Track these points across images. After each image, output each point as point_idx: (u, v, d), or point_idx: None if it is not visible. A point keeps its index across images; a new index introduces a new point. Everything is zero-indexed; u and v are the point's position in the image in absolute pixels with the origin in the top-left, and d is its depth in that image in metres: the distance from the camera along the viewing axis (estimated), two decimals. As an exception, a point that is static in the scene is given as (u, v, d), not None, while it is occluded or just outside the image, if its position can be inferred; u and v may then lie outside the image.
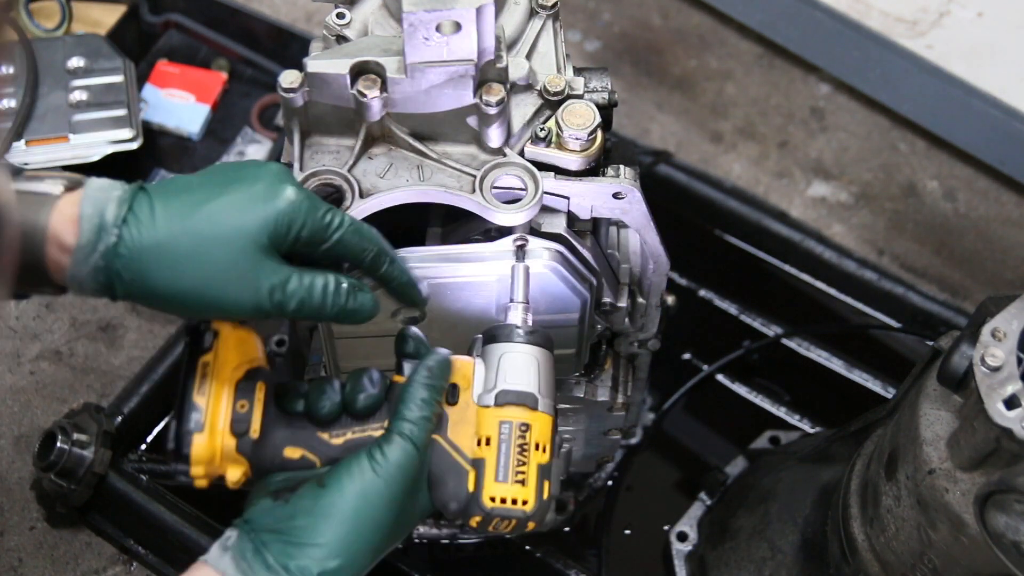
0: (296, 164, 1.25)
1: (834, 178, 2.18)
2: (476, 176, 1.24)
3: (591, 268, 1.33)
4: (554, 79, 1.28)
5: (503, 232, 1.26)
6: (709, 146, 2.22)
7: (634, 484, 1.85)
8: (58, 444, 1.72)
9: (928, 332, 1.95)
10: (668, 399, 1.91)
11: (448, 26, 1.15)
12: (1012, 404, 1.15)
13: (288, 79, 1.21)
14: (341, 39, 1.30)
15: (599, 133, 1.26)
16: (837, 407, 1.89)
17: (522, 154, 1.26)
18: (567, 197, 1.29)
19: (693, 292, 2.02)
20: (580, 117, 1.25)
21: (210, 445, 1.08)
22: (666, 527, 1.77)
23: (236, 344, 1.11)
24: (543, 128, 1.26)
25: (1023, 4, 2.17)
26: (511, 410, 1.12)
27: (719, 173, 2.16)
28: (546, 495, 1.13)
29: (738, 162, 2.20)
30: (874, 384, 1.93)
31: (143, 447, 1.84)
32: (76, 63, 2.01)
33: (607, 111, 1.31)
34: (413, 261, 1.25)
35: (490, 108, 1.20)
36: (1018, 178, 2.11)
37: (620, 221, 1.38)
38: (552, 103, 1.28)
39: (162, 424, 1.86)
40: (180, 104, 2.11)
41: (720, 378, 1.94)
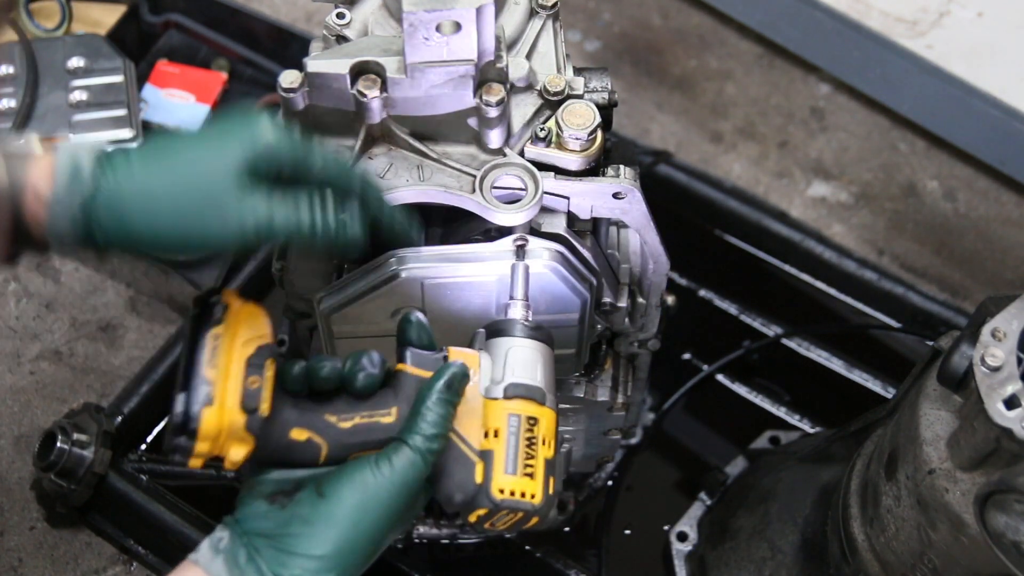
0: (296, 164, 1.25)
1: (834, 178, 2.18)
2: (476, 176, 1.24)
3: (591, 268, 1.33)
4: (554, 79, 1.28)
5: (503, 232, 1.26)
6: (709, 146, 2.22)
7: (634, 484, 1.84)
8: (58, 444, 1.72)
9: (928, 332, 1.95)
10: (668, 399, 1.91)
11: (448, 26, 1.15)
12: (1012, 404, 1.15)
13: (288, 79, 1.21)
14: (341, 39, 1.30)
15: (599, 133, 1.26)
16: (837, 407, 1.89)
17: (522, 154, 1.26)
18: (567, 197, 1.29)
19: (693, 292, 2.02)
20: (580, 117, 1.25)
21: (219, 420, 1.02)
22: (666, 527, 1.77)
23: (247, 318, 1.07)
24: (543, 128, 1.26)
25: (1023, 4, 2.17)
26: (520, 403, 1.12)
27: (719, 173, 2.16)
28: (551, 490, 1.12)
29: (738, 162, 2.20)
30: (874, 384, 1.93)
31: (143, 447, 1.84)
32: (76, 63, 2.02)
33: (607, 111, 1.31)
34: (413, 261, 1.26)
35: (490, 108, 1.20)
36: (1018, 178, 2.11)
37: (620, 221, 1.38)
38: (552, 103, 1.28)
39: (162, 424, 1.87)
40: (180, 104, 2.11)
41: (720, 378, 1.94)
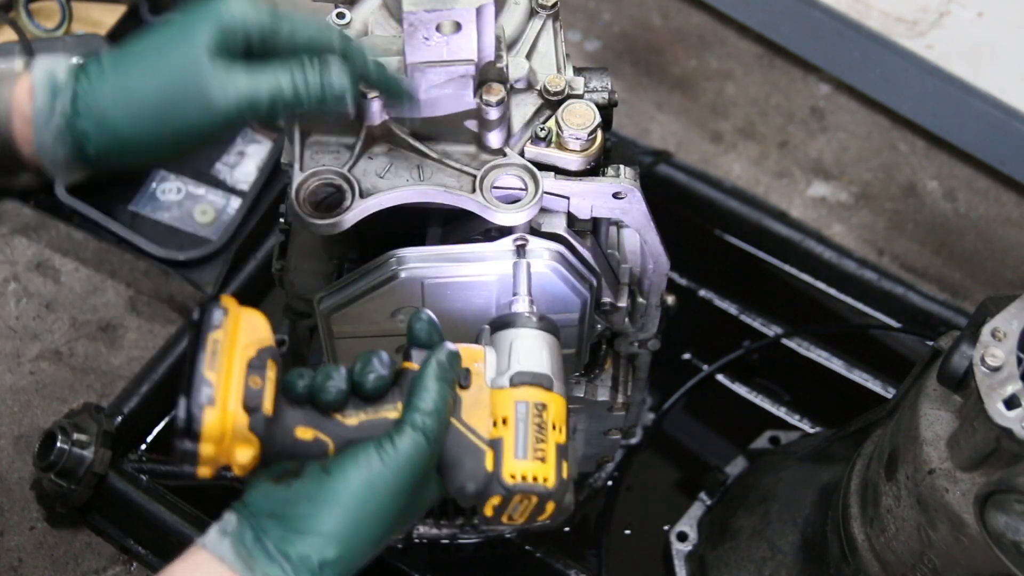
0: (296, 164, 1.25)
1: (834, 178, 2.18)
2: (476, 176, 1.23)
3: (591, 268, 1.33)
4: (554, 79, 1.28)
5: (503, 232, 1.26)
6: (709, 146, 2.22)
7: (634, 484, 1.84)
8: (58, 444, 1.72)
9: (928, 332, 1.95)
10: (668, 399, 1.91)
11: (448, 26, 1.15)
12: (1012, 404, 1.15)
13: (288, 79, 1.21)
14: (341, 39, 1.30)
15: (599, 133, 1.26)
16: (837, 407, 1.89)
17: (522, 154, 1.26)
18: (567, 197, 1.29)
19: (693, 292, 2.02)
20: (580, 117, 1.25)
21: (222, 421, 1.02)
22: (666, 527, 1.77)
23: (246, 322, 1.07)
24: (543, 128, 1.26)
25: (1023, 4, 2.17)
26: (526, 390, 1.11)
27: (719, 173, 2.16)
28: (565, 475, 1.11)
29: (738, 162, 2.19)
30: (874, 384, 1.93)
31: (143, 447, 1.84)
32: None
33: (607, 111, 1.31)
34: (413, 261, 1.26)
35: (490, 108, 1.20)
36: (1018, 178, 2.11)
37: (620, 221, 1.38)
38: (552, 103, 1.28)
39: (162, 424, 1.87)
40: (180, 104, 2.10)
41: (720, 378, 1.94)
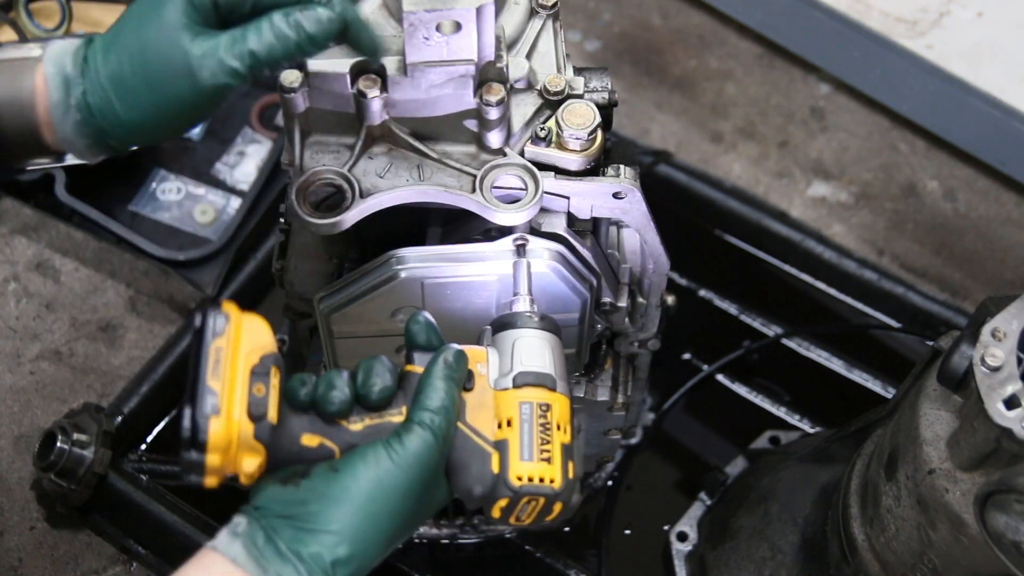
0: (296, 163, 1.25)
1: (834, 178, 2.18)
2: (476, 176, 1.23)
3: (591, 268, 1.33)
4: (554, 79, 1.28)
5: (503, 232, 1.26)
6: (709, 146, 2.22)
7: (634, 484, 1.84)
8: (58, 444, 1.72)
9: (928, 332, 1.95)
10: (668, 399, 1.91)
11: (448, 26, 1.15)
12: (1012, 404, 1.15)
13: (289, 79, 1.21)
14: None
15: (599, 133, 1.26)
16: (837, 407, 1.89)
17: (522, 154, 1.26)
18: (567, 197, 1.29)
19: (693, 292, 2.02)
20: (580, 117, 1.25)
21: (227, 430, 1.02)
22: (666, 527, 1.77)
23: (248, 328, 1.07)
24: (543, 128, 1.26)
25: (1023, 4, 2.17)
26: (530, 391, 1.11)
27: (719, 173, 2.16)
28: (571, 474, 1.12)
29: (738, 162, 2.19)
30: (874, 384, 1.93)
31: (143, 447, 1.84)
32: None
33: (607, 111, 1.31)
34: (413, 261, 1.26)
35: (490, 108, 1.20)
36: (1018, 178, 2.11)
37: (620, 221, 1.38)
38: (552, 103, 1.27)
39: (162, 424, 1.87)
40: (180, 104, 2.11)
41: (720, 378, 1.94)
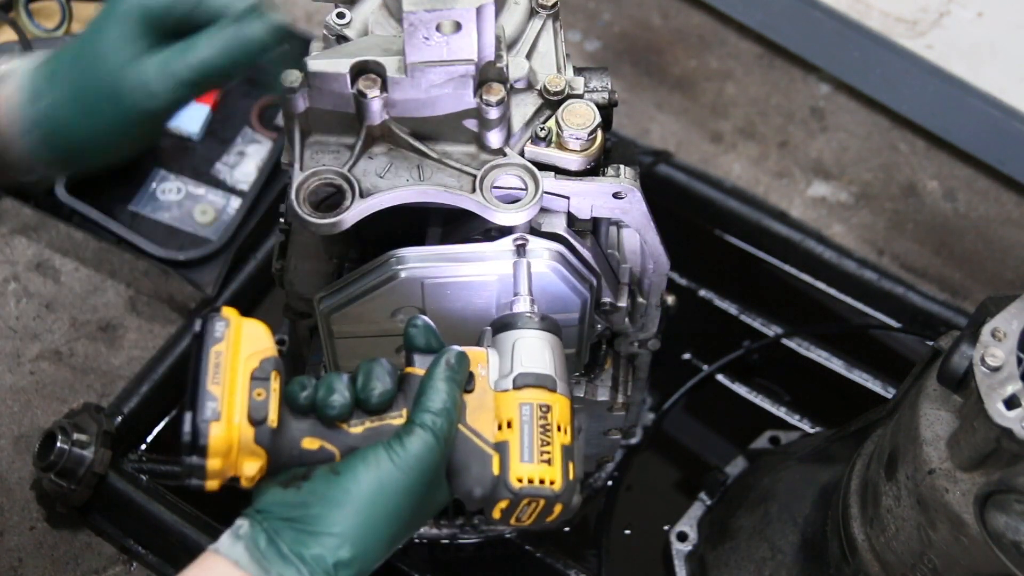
0: (296, 164, 1.25)
1: (834, 178, 2.18)
2: (476, 176, 1.23)
3: (591, 268, 1.33)
4: (554, 79, 1.28)
5: (503, 232, 1.26)
6: (709, 146, 2.22)
7: (634, 484, 1.84)
8: (58, 444, 1.72)
9: (928, 332, 1.95)
10: (668, 399, 1.90)
11: (448, 26, 1.15)
12: (1012, 404, 1.15)
13: (288, 79, 1.21)
14: (341, 39, 1.30)
15: (599, 133, 1.26)
16: (837, 407, 1.89)
17: (522, 154, 1.26)
18: (567, 197, 1.29)
19: (693, 292, 2.02)
20: (580, 117, 1.25)
21: (227, 435, 1.02)
22: (666, 527, 1.77)
23: (248, 333, 1.08)
24: (543, 128, 1.26)
25: (1023, 4, 2.17)
26: (530, 392, 1.11)
27: (719, 173, 2.16)
28: (572, 476, 1.12)
29: (738, 162, 2.19)
30: (874, 384, 1.93)
31: (143, 447, 1.84)
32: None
33: (607, 111, 1.31)
34: (413, 261, 1.26)
35: (490, 108, 1.20)
36: (1018, 178, 2.11)
37: (620, 221, 1.38)
38: (552, 103, 1.27)
39: (162, 424, 1.87)
40: (180, 104, 2.11)
41: (720, 378, 1.94)
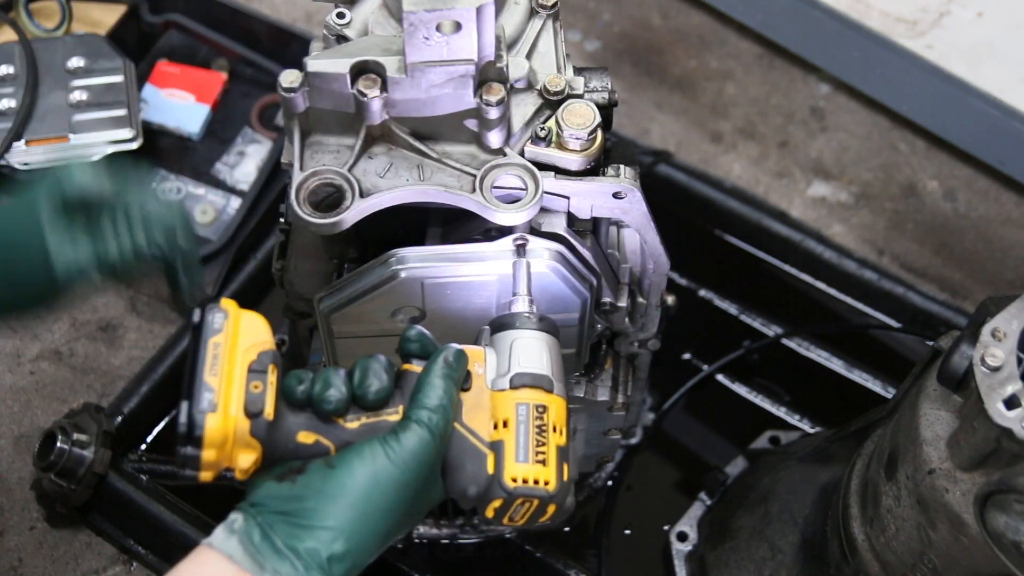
0: (296, 163, 1.25)
1: (834, 178, 2.18)
2: (476, 176, 1.23)
3: (591, 268, 1.33)
4: (554, 79, 1.28)
5: (503, 232, 1.26)
6: (709, 146, 2.22)
7: (634, 484, 1.84)
8: (58, 444, 1.72)
9: (928, 332, 1.95)
10: (668, 399, 1.91)
11: (448, 26, 1.15)
12: (1012, 404, 1.15)
13: (288, 79, 1.21)
14: (341, 39, 1.30)
15: (599, 133, 1.26)
16: (837, 407, 1.89)
17: (522, 154, 1.26)
18: (567, 197, 1.29)
19: (693, 292, 2.02)
20: (580, 117, 1.25)
21: (223, 426, 1.03)
22: (666, 527, 1.77)
23: (247, 325, 1.08)
24: (543, 128, 1.26)
25: (1023, 4, 2.17)
26: (527, 392, 1.12)
27: (719, 173, 2.16)
28: (566, 477, 1.12)
29: (738, 162, 2.19)
30: (874, 384, 1.93)
31: (143, 447, 1.84)
32: (76, 63, 2.01)
33: (607, 111, 1.31)
34: (413, 261, 1.25)
35: (490, 108, 1.20)
36: (1018, 178, 2.11)
37: (620, 221, 1.38)
38: (552, 103, 1.27)
39: (162, 424, 1.87)
40: (180, 104, 2.11)
41: (720, 378, 1.94)
